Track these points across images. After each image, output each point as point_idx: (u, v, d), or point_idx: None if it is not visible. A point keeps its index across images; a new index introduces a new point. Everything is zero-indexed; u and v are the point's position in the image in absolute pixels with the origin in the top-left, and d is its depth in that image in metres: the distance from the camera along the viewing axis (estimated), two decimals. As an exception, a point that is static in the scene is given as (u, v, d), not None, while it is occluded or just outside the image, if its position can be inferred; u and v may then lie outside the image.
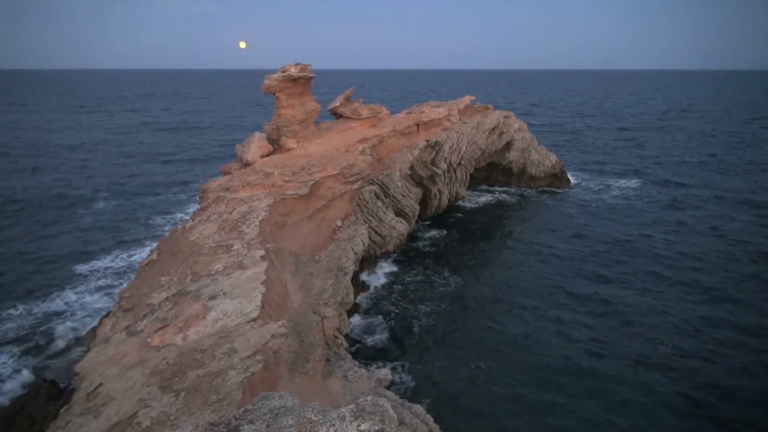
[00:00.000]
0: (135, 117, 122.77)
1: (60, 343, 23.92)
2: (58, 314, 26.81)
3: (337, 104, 41.50)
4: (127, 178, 58.28)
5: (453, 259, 35.26)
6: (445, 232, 40.84)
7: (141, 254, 33.66)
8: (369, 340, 24.80)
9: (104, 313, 23.74)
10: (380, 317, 27.01)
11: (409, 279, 31.92)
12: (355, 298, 26.40)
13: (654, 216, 44.53)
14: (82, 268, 32.63)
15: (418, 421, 10.85)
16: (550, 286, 30.84)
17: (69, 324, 25.79)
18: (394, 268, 33.37)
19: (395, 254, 35.15)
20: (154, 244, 23.75)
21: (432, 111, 46.46)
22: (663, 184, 56.24)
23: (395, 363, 22.68)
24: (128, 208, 46.34)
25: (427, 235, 40.13)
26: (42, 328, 25.28)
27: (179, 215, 43.90)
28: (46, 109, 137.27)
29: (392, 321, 26.66)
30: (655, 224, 42.18)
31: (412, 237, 38.67)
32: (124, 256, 34.77)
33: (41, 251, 35.48)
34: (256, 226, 21.40)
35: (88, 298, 28.65)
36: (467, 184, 49.18)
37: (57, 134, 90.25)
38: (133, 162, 67.58)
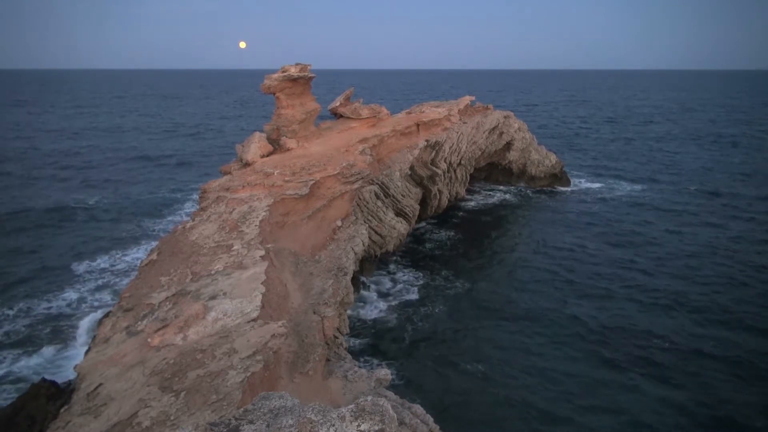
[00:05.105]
0: (133, 117, 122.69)
1: (60, 343, 23.93)
2: (57, 314, 26.83)
3: (337, 104, 41.50)
4: (125, 178, 58.26)
5: (454, 260, 35.26)
6: (445, 232, 40.85)
7: (139, 254, 33.68)
8: (369, 341, 24.80)
9: (104, 313, 23.74)
10: (381, 317, 27.02)
11: (410, 279, 31.93)
12: (355, 298, 26.38)
13: (653, 219, 44.26)
14: (80, 268, 32.66)
15: (418, 421, 10.86)
16: (549, 290, 30.84)
17: (68, 324, 25.81)
18: (395, 269, 33.38)
19: (396, 255, 35.15)
20: (153, 245, 23.74)
21: (432, 111, 46.43)
22: (664, 187, 55.87)
23: (395, 363, 22.69)
24: (127, 208, 46.31)
25: (427, 235, 40.14)
26: (41, 328, 25.31)
27: (178, 215, 43.90)
28: (42, 110, 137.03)
29: (393, 321, 26.68)
30: (654, 228, 41.90)
31: (413, 237, 38.68)
32: (123, 256, 34.78)
33: (39, 252, 35.48)
34: (256, 226, 21.39)
35: (87, 298, 28.67)
36: (467, 184, 49.18)
37: (54, 135, 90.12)
38: (131, 162, 67.56)
